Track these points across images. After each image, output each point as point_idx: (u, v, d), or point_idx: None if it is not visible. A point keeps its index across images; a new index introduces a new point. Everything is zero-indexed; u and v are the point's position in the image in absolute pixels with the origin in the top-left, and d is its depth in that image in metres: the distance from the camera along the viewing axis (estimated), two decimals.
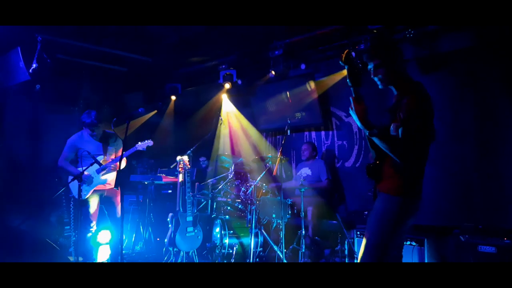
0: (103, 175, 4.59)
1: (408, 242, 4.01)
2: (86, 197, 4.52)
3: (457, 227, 3.88)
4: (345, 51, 2.35)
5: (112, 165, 4.60)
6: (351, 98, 2.40)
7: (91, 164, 4.32)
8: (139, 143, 4.72)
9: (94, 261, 4.65)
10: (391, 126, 2.42)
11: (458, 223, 3.97)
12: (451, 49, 4.71)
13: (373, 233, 2.44)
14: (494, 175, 4.44)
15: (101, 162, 4.52)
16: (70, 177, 4.60)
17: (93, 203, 4.58)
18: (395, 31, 4.84)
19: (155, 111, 7.73)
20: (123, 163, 4.78)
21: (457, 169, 4.70)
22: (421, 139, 2.36)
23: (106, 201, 4.70)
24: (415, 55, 4.89)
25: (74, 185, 4.54)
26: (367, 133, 2.40)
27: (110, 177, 4.69)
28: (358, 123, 2.41)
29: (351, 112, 2.41)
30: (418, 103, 2.36)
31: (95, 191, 4.59)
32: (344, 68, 2.44)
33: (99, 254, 4.78)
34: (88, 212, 4.54)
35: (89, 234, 4.56)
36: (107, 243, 5.04)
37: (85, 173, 4.32)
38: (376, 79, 2.58)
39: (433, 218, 4.53)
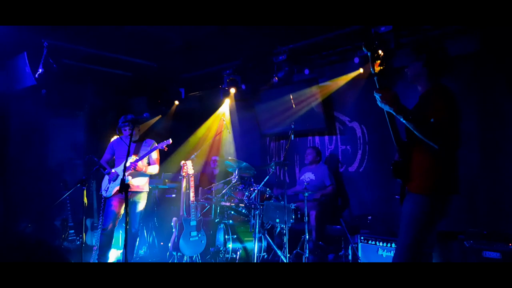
0: (128, 174, 4.57)
1: None
2: (111, 195, 4.62)
3: (461, 233, 3.86)
4: (366, 38, 2.32)
5: (134, 168, 4.57)
6: (375, 91, 2.35)
7: (96, 169, 4.42)
8: (159, 143, 4.74)
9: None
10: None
11: (463, 229, 3.95)
12: (455, 54, 4.71)
13: (406, 236, 2.40)
14: (499, 180, 4.42)
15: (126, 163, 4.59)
16: (105, 176, 4.76)
17: (115, 201, 4.63)
18: (401, 35, 4.85)
19: (160, 115, 7.77)
20: (155, 169, 4.81)
21: (462, 173, 4.66)
22: (452, 132, 2.31)
23: (130, 202, 4.68)
24: None
25: (104, 182, 4.74)
26: (401, 119, 2.32)
27: (136, 181, 4.71)
28: (391, 110, 2.33)
29: (380, 104, 2.35)
30: (446, 99, 2.37)
31: (119, 191, 4.60)
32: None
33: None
34: (107, 210, 4.62)
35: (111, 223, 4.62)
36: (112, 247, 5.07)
37: (113, 171, 4.59)
38: (409, 72, 2.60)
39: None
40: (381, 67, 2.32)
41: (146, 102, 7.51)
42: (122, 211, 4.67)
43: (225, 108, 7.36)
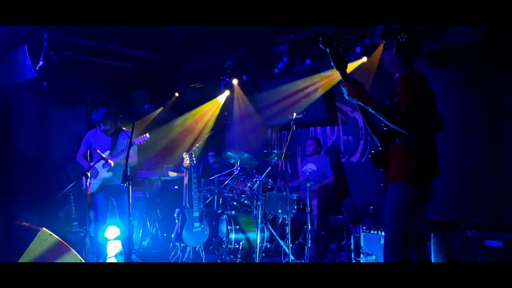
0: (108, 170, 4.62)
1: None
2: (94, 190, 4.63)
3: (464, 222, 3.86)
4: (323, 35, 2.26)
5: (114, 160, 4.60)
6: (341, 85, 2.35)
7: (98, 161, 4.41)
8: (135, 138, 4.70)
9: (105, 256, 4.72)
10: None
11: (465, 218, 3.96)
12: (459, 43, 4.67)
13: (390, 226, 2.40)
14: (502, 169, 4.42)
15: (105, 157, 4.58)
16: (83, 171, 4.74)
17: (100, 197, 4.66)
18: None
19: (162, 108, 7.76)
20: (133, 161, 4.83)
21: (464, 163, 4.68)
22: (424, 116, 2.30)
23: (115, 195, 4.77)
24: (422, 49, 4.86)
25: (85, 179, 4.66)
26: (369, 109, 2.33)
27: (118, 174, 4.74)
28: (360, 103, 2.33)
29: (347, 97, 2.35)
30: (415, 83, 2.37)
31: (102, 186, 4.65)
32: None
33: (108, 249, 4.85)
34: (95, 205, 4.66)
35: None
36: (115, 239, 5.10)
37: (110, 158, 4.53)
38: (384, 60, 2.61)
39: (440, 212, 4.50)
40: (342, 61, 2.30)
41: (148, 94, 7.50)
42: (106, 205, 4.73)
43: (222, 98, 7.35)
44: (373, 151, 2.54)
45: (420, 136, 2.36)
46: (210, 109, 7.65)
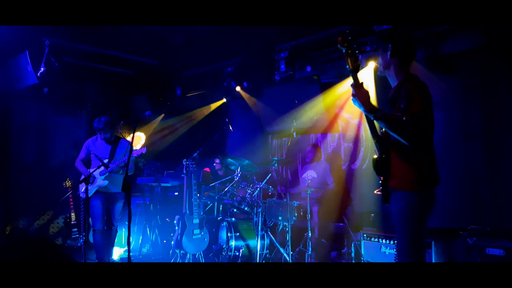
0: (104, 178, 4.65)
1: None
2: (90, 195, 4.64)
3: (465, 230, 3.85)
4: (342, 34, 2.24)
5: (115, 169, 4.65)
6: (351, 85, 2.33)
7: (98, 167, 4.41)
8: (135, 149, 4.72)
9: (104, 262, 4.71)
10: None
11: (466, 225, 3.94)
12: (458, 50, 4.69)
13: (404, 234, 2.38)
14: (503, 177, 4.40)
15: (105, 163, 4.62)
16: (81, 177, 4.73)
17: (96, 202, 4.67)
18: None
19: (163, 114, 7.76)
20: (130, 169, 4.83)
21: (465, 170, 4.67)
22: (426, 125, 2.31)
23: (110, 202, 4.81)
24: (423, 56, 4.87)
25: (82, 184, 4.70)
26: (371, 117, 2.32)
27: (115, 182, 4.76)
28: (362, 109, 2.33)
29: (353, 99, 2.34)
30: (418, 90, 2.33)
31: (98, 192, 4.67)
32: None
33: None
34: (91, 210, 4.67)
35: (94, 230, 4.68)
36: (116, 245, 5.10)
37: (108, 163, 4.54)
38: (379, 64, 2.57)
39: (441, 220, 4.48)
40: (357, 63, 2.29)
41: (148, 100, 7.51)
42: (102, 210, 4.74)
43: (219, 104, 7.34)
44: (375, 157, 2.49)
45: (417, 146, 2.33)
46: (207, 115, 7.67)
